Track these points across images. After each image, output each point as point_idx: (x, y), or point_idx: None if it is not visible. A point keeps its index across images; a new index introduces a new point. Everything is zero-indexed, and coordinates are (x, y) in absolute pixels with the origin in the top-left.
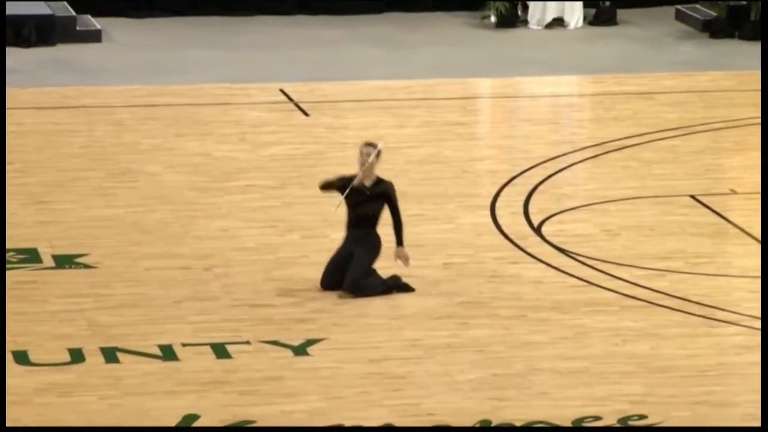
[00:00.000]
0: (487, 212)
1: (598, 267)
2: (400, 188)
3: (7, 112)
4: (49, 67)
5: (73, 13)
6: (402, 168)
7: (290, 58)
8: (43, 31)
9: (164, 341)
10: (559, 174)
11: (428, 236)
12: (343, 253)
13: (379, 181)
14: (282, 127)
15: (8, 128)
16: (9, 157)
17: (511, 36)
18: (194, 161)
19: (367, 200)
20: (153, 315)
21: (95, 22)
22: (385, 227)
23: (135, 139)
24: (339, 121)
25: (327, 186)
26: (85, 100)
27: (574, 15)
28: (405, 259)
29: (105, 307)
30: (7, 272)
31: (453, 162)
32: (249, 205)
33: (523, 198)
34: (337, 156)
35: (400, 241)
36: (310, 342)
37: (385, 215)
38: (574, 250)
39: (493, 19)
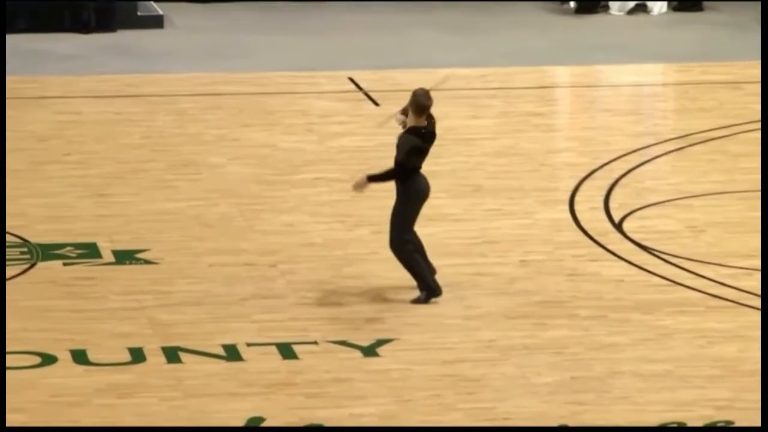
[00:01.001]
0: (566, 207)
1: (682, 265)
2: (475, 181)
3: (65, 100)
4: (108, 53)
5: None
6: (477, 160)
7: (358, 45)
8: (103, 17)
9: (228, 341)
10: (642, 167)
11: (504, 232)
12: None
13: (403, 131)
14: (351, 117)
15: (66, 117)
16: (67, 147)
17: (592, 22)
18: (259, 153)
19: (396, 149)
20: (216, 313)
21: (157, 8)
22: (444, 223)
23: (198, 129)
24: None
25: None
26: (146, 89)
27: (658, 1)
28: (356, 186)
29: (166, 304)
30: (65, 267)
31: (530, 154)
32: (316, 199)
33: (604, 192)
34: None
35: (371, 177)
36: (381, 342)
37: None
38: (656, 248)
39: (572, 4)
